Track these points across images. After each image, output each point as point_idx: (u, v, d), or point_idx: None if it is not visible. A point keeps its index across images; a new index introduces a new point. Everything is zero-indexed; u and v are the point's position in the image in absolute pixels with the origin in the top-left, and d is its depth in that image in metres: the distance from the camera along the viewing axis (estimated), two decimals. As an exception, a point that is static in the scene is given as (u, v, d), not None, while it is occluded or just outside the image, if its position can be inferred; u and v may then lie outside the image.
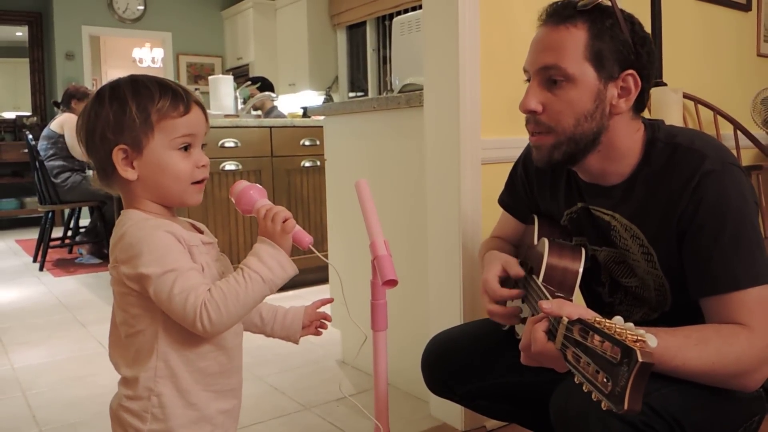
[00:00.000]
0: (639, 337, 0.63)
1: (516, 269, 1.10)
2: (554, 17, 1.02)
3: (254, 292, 0.87)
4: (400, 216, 1.97)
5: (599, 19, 0.99)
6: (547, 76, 1.01)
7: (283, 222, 0.91)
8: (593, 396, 0.67)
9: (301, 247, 0.95)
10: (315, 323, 1.10)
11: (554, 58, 0.99)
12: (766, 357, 0.91)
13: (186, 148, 0.92)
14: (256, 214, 0.95)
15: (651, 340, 0.63)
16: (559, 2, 1.03)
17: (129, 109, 0.88)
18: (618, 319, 0.69)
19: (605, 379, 0.64)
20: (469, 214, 1.67)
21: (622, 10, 1.00)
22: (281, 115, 4.55)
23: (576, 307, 0.81)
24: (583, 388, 0.69)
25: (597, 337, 0.67)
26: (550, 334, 0.82)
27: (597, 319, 0.70)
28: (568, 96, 0.99)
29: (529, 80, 1.05)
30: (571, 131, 1.00)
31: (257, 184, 0.98)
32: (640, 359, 0.61)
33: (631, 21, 1.01)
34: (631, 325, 0.66)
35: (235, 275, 0.88)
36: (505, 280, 1.11)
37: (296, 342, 1.10)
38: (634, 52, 0.99)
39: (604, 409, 0.65)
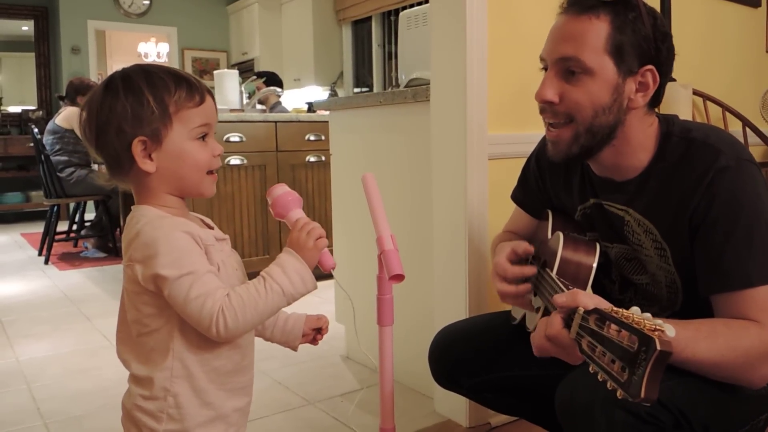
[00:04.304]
0: (657, 327, 0.62)
1: (525, 246, 1.10)
2: (576, 6, 0.99)
3: (273, 303, 0.87)
4: (406, 211, 1.96)
5: (622, 12, 0.97)
6: (566, 67, 0.99)
7: (317, 239, 0.91)
8: (608, 385, 0.67)
9: (324, 270, 0.95)
10: (313, 333, 1.10)
11: (574, 50, 0.97)
12: None
13: (203, 138, 0.92)
14: (288, 222, 0.95)
15: (669, 329, 0.62)
16: None
17: (146, 100, 0.87)
18: (635, 309, 0.68)
19: (621, 369, 0.64)
20: (475, 210, 1.66)
21: (645, 4, 0.99)
22: (284, 111, 4.54)
23: (591, 297, 0.81)
24: (598, 377, 0.69)
25: (614, 327, 0.67)
26: (565, 323, 0.82)
27: (614, 308, 0.70)
28: (585, 88, 0.98)
29: (545, 68, 1.03)
30: (590, 122, 0.99)
31: (295, 192, 0.99)
32: (658, 347, 0.60)
33: (654, 15, 0.99)
34: (648, 315, 0.66)
35: (255, 283, 0.87)
36: (516, 264, 1.10)
37: (295, 349, 1.09)
38: (654, 48, 0.98)
39: (620, 398, 0.65)
